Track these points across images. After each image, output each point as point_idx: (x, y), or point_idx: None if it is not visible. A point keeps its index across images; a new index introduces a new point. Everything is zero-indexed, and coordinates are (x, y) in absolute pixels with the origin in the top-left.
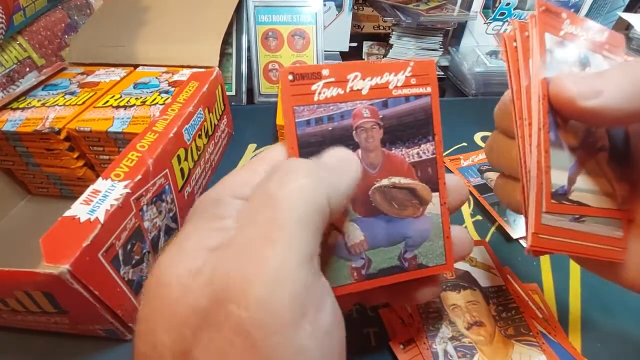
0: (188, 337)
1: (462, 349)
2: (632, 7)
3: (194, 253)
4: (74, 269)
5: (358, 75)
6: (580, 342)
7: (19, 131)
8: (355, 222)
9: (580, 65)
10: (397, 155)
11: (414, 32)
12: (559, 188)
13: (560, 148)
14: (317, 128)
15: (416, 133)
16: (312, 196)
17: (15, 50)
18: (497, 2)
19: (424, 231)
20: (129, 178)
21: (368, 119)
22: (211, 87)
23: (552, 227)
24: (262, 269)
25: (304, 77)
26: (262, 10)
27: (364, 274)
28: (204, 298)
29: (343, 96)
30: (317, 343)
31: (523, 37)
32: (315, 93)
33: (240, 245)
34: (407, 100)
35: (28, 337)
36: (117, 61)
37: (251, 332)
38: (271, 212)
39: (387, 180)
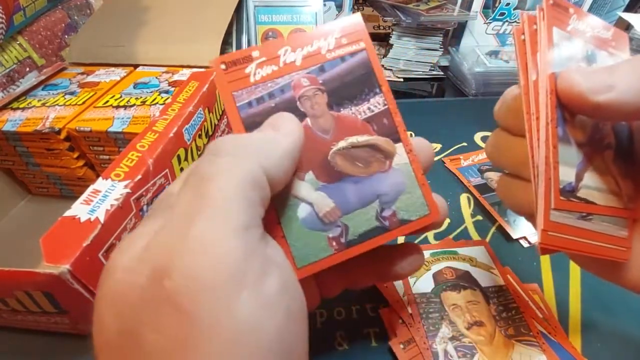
0: (129, 317)
1: (463, 349)
2: (632, 7)
3: (141, 237)
4: (74, 269)
5: (288, 49)
6: (580, 342)
7: (19, 131)
8: (321, 190)
9: (586, 61)
10: (347, 115)
11: (414, 32)
12: (567, 184)
13: (569, 144)
14: (260, 107)
15: (361, 89)
16: (241, 168)
17: (16, 50)
18: (497, 2)
19: (397, 184)
20: (129, 178)
21: (308, 86)
22: (211, 87)
23: (561, 225)
24: (185, 239)
25: (235, 63)
26: (262, 10)
27: (343, 242)
28: (141, 276)
29: (278, 71)
30: (254, 310)
31: (531, 31)
32: (251, 75)
33: (169, 222)
34: (343, 60)
35: (28, 337)
36: (117, 61)
37: (179, 302)
38: (198, 189)
39: (344, 142)
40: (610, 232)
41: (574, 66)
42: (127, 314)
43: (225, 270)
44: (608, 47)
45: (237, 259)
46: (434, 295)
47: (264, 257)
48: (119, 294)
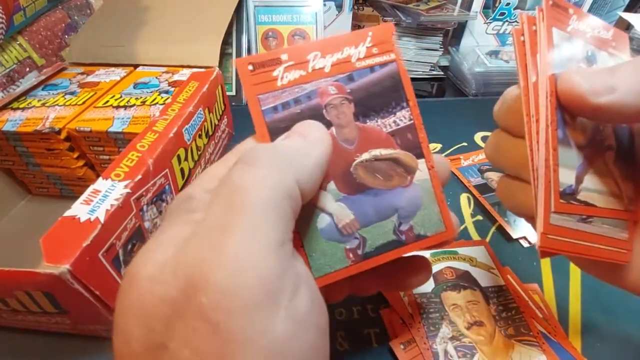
0: (159, 330)
1: (463, 349)
2: (632, 7)
3: (164, 246)
4: (75, 269)
5: (318, 54)
6: (580, 342)
7: (19, 131)
8: (342, 202)
9: (587, 62)
10: (372, 127)
11: (414, 32)
12: (567, 187)
13: (569, 146)
14: (285, 112)
15: (388, 101)
16: (277, 181)
17: (16, 50)
18: (497, 2)
19: (415, 199)
20: (129, 178)
21: (335, 95)
22: (211, 87)
23: (561, 228)
24: (220, 254)
25: (263, 65)
26: (262, 10)
27: (360, 254)
28: (171, 288)
29: (306, 77)
30: (289, 328)
31: (531, 31)
32: (278, 78)
33: (202, 233)
34: (373, 71)
35: (29, 337)
36: (117, 61)
37: (211, 317)
38: (233, 199)
39: (367, 154)
40: (610, 235)
41: (574, 67)
42: (156, 328)
43: (263, 288)
44: (608, 47)
45: (274, 277)
46: (434, 295)
47: (295, 274)
48: (148, 306)
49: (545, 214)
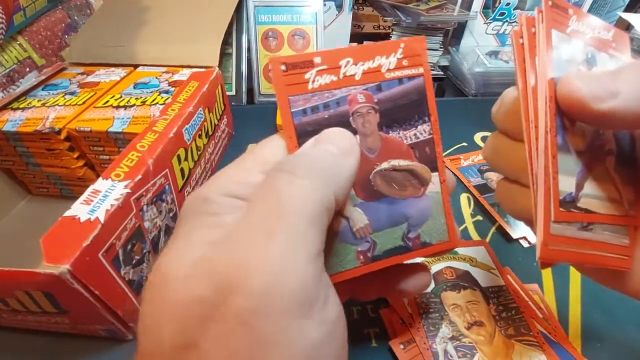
0: (192, 328)
1: (463, 349)
2: (632, 7)
3: (195, 247)
4: (74, 269)
5: (350, 60)
6: (580, 342)
7: (19, 131)
8: (358, 207)
9: (587, 65)
10: (394, 138)
11: (414, 32)
12: (567, 195)
13: (568, 152)
14: (314, 117)
15: (412, 115)
16: (320, 195)
17: (16, 50)
18: (497, 2)
19: (425, 210)
20: (129, 178)
21: (363, 104)
22: (211, 87)
23: (561, 237)
24: (264, 258)
25: (296, 66)
26: (262, 10)
27: (369, 256)
28: (207, 288)
29: (337, 83)
30: (324, 334)
31: (529, 34)
32: (309, 81)
33: (242, 235)
34: (401, 83)
35: (28, 337)
36: (117, 61)
37: (251, 321)
38: (277, 207)
39: (386, 164)
40: (611, 241)
41: (573, 70)
42: (189, 327)
43: (301, 295)
44: (608, 48)
45: (312, 285)
46: (434, 295)
47: (326, 283)
48: (179, 304)
49: (545, 223)
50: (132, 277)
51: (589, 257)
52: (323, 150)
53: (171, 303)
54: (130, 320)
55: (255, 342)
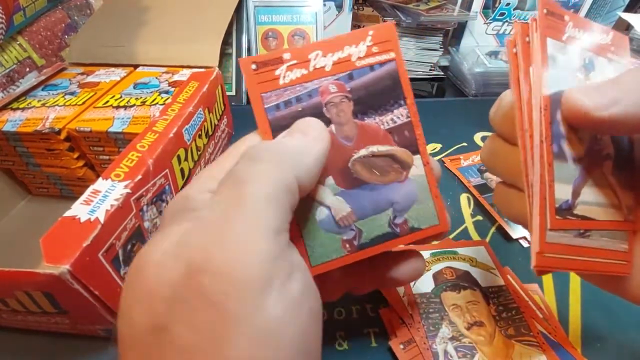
0: (162, 311)
1: (463, 349)
2: (632, 7)
3: (170, 237)
4: (74, 269)
5: (319, 53)
6: (580, 342)
7: (19, 131)
8: (339, 195)
9: (584, 71)
10: (370, 125)
11: (414, 32)
12: (563, 202)
13: (564, 160)
14: (287, 111)
15: (386, 99)
16: (277, 176)
17: (15, 50)
18: (497, 2)
19: (410, 194)
20: (129, 178)
21: (336, 93)
22: (211, 87)
23: (557, 245)
24: (222, 239)
25: (266, 64)
26: (262, 10)
27: (356, 244)
28: (174, 271)
29: (307, 76)
30: (282, 309)
31: (523, 43)
32: (280, 77)
33: (205, 221)
34: (372, 69)
35: (28, 337)
36: (117, 61)
37: (214, 298)
38: (236, 191)
39: (365, 150)
40: (610, 247)
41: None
42: (159, 309)
43: (258, 270)
44: (607, 52)
45: (268, 261)
46: (434, 295)
47: (289, 261)
48: (151, 288)
49: (541, 232)
50: None
51: (587, 264)
52: (288, 139)
53: (143, 288)
54: None
55: (218, 318)
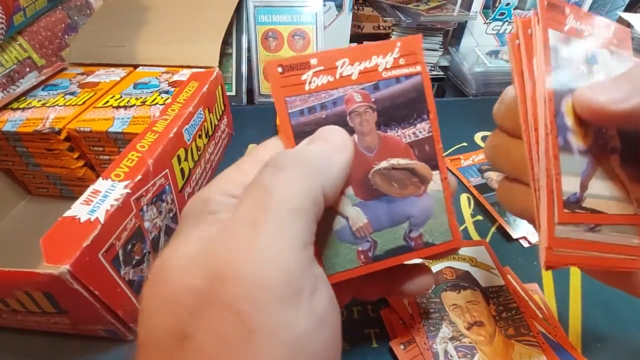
0: (185, 318)
1: (463, 349)
2: (632, 7)
3: (191, 242)
4: (74, 269)
5: (346, 61)
6: (580, 342)
7: (19, 131)
8: (357, 206)
9: (587, 64)
10: (393, 137)
11: (414, 32)
12: (571, 195)
13: (571, 153)
14: (311, 117)
15: (410, 113)
16: (305, 187)
17: (16, 50)
18: (497, 2)
19: (427, 209)
20: (129, 178)
21: (360, 103)
22: (211, 87)
23: (567, 240)
24: (252, 248)
25: (292, 68)
26: (262, 11)
27: (370, 256)
28: (198, 278)
29: (333, 83)
30: (308, 324)
31: (526, 35)
32: (306, 83)
33: (231, 227)
34: (398, 81)
35: (28, 337)
36: (117, 61)
37: (241, 308)
38: (263, 199)
39: (386, 162)
40: (621, 242)
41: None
42: (183, 316)
43: (287, 284)
44: (610, 45)
45: (297, 275)
46: (434, 295)
47: (315, 274)
48: (175, 294)
49: (549, 227)
50: (132, 277)
51: (598, 260)
52: (313, 147)
53: (166, 294)
54: (130, 320)
55: (245, 329)
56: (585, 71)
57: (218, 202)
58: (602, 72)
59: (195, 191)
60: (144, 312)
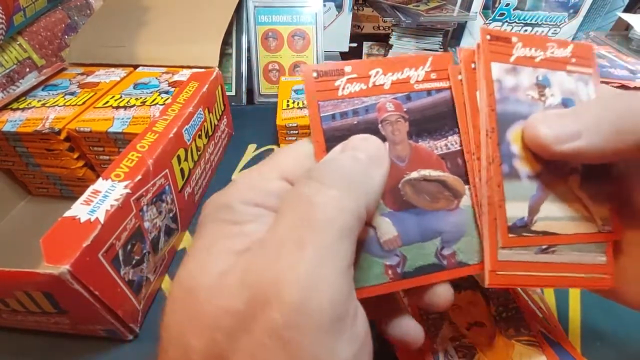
0: (221, 341)
1: (463, 349)
2: (631, 8)
3: (221, 256)
4: (74, 270)
5: (379, 71)
6: (580, 341)
7: (19, 131)
8: (386, 216)
9: (538, 88)
10: (424, 148)
11: (414, 33)
12: (518, 220)
13: (517, 179)
14: (342, 122)
15: (442, 125)
16: (351, 206)
17: (16, 50)
18: (496, 3)
19: (460, 225)
20: (129, 178)
21: (393, 112)
22: (211, 87)
23: (513, 262)
24: (296, 272)
25: (327, 74)
26: (262, 11)
27: (399, 272)
28: (237, 300)
29: (366, 91)
30: (351, 351)
31: (468, 70)
32: (339, 88)
33: (272, 247)
34: (429, 94)
35: (28, 337)
36: (117, 61)
37: (284, 335)
38: (308, 216)
39: (416, 173)
40: (585, 261)
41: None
42: (219, 338)
43: (333, 311)
44: (566, 65)
45: (341, 300)
46: None
47: (355, 299)
48: (210, 315)
49: (492, 250)
50: (131, 278)
51: (552, 280)
52: (352, 158)
53: (200, 314)
54: (129, 320)
55: (286, 356)
56: (535, 96)
57: (241, 212)
58: (557, 95)
59: (195, 191)
60: (173, 329)
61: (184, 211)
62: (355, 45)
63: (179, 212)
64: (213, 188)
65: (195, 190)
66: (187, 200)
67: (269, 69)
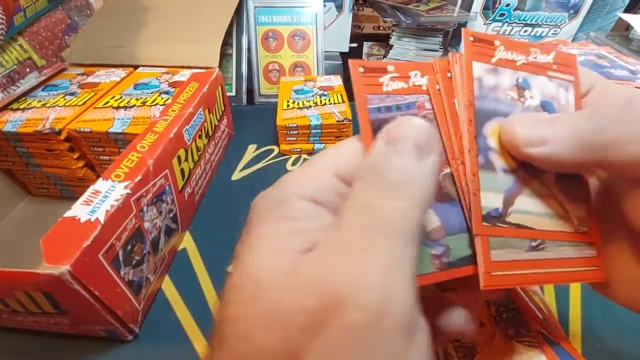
0: (296, 338)
1: (463, 350)
2: (632, 8)
3: (284, 255)
4: (74, 270)
5: (418, 73)
6: (580, 342)
7: (20, 132)
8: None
9: (518, 89)
10: None
11: (414, 33)
12: (492, 210)
13: (493, 171)
14: (387, 115)
15: None
16: (415, 213)
17: (16, 51)
18: (497, 3)
19: None
20: (129, 179)
21: (431, 110)
22: (211, 87)
23: (506, 262)
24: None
25: (372, 70)
26: (262, 11)
27: (445, 262)
28: (312, 299)
29: (407, 89)
30: (420, 355)
31: (444, 79)
32: (383, 84)
33: (343, 249)
34: None
35: (28, 338)
36: (117, 62)
37: (363, 337)
38: (377, 223)
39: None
40: (575, 255)
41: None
42: (293, 336)
43: (405, 317)
44: (547, 71)
45: (411, 307)
46: None
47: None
48: (283, 312)
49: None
50: (131, 278)
51: (548, 276)
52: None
53: (271, 311)
54: (129, 320)
55: (363, 357)
56: (515, 96)
57: (296, 207)
58: (537, 97)
59: (196, 192)
60: (238, 326)
61: (184, 211)
62: (356, 45)
63: (179, 213)
64: (213, 188)
65: (195, 191)
66: (187, 201)
67: (269, 69)
